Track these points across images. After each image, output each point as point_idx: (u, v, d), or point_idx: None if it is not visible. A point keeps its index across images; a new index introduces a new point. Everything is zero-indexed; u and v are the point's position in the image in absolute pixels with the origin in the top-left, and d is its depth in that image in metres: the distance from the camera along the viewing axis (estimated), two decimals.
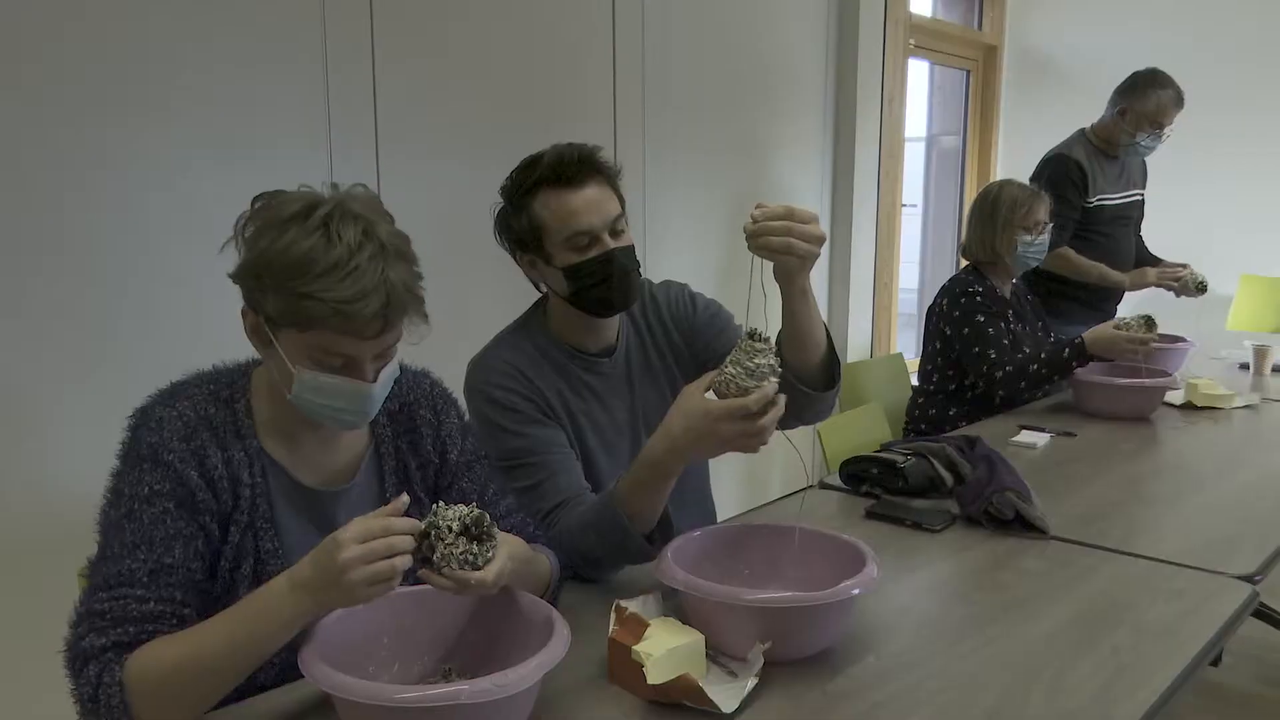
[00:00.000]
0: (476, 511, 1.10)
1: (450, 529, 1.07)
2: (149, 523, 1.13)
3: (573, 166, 1.54)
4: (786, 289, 1.45)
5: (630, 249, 1.60)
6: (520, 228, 1.58)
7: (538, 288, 1.68)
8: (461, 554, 1.08)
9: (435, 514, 1.09)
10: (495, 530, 1.11)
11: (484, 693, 0.98)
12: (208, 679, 1.06)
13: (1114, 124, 3.35)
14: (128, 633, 1.08)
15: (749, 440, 1.28)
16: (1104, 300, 3.49)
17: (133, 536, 1.12)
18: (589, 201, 1.55)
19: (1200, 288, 3.27)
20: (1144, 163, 3.54)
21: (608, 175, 1.59)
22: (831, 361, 1.54)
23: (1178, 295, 3.33)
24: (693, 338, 1.77)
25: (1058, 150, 3.39)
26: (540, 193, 1.55)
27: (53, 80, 1.93)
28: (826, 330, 1.54)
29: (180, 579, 1.13)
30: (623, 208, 1.60)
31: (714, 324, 1.78)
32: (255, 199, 1.20)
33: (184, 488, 1.15)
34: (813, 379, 1.53)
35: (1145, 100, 3.27)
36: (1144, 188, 3.55)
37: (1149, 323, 2.66)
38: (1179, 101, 3.29)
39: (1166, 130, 3.32)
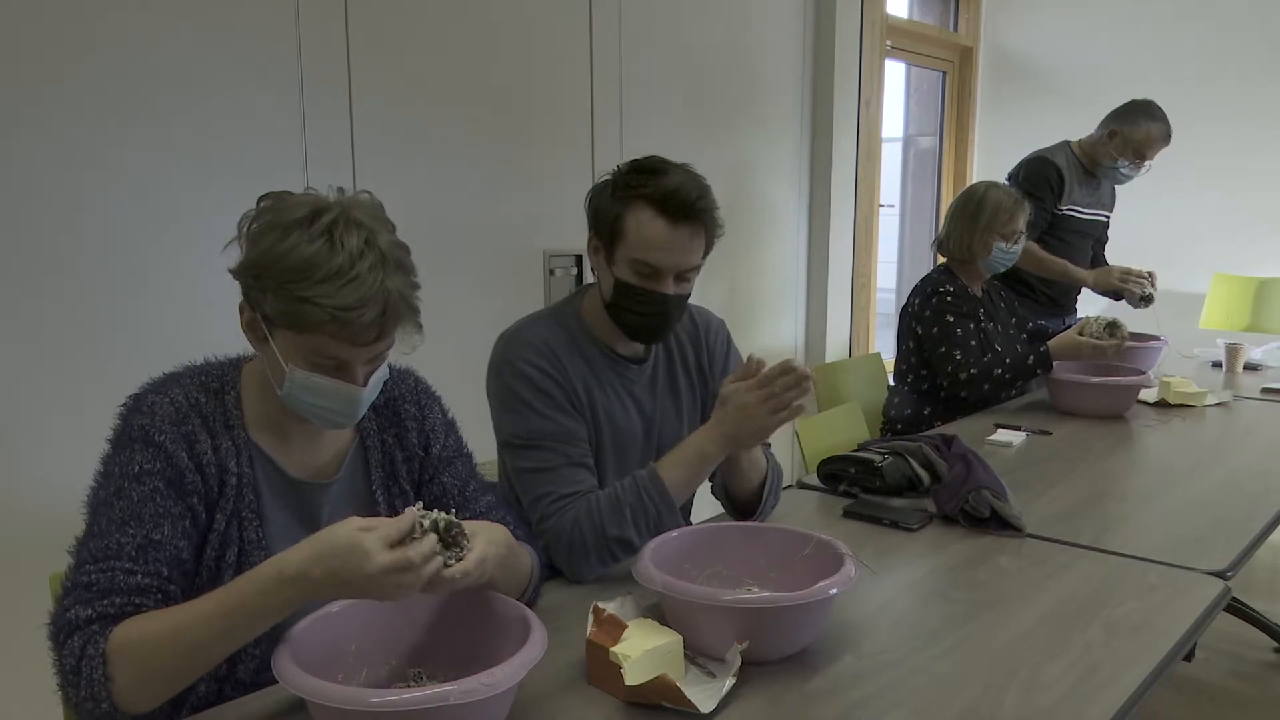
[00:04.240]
0: (449, 518, 1.10)
1: (421, 525, 1.07)
2: (138, 500, 1.13)
3: (684, 208, 1.52)
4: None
5: (684, 299, 1.61)
6: (606, 215, 1.58)
7: (592, 271, 1.67)
8: None
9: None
10: (466, 540, 1.11)
11: (471, 692, 0.97)
12: (190, 655, 1.05)
13: (1101, 144, 3.38)
14: (114, 604, 1.07)
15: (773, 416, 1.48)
16: (1058, 307, 3.52)
17: (121, 513, 1.12)
18: (677, 243, 1.54)
19: (1145, 300, 3.30)
20: (1114, 189, 3.58)
21: (708, 228, 1.57)
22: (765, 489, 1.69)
23: (1134, 306, 3.35)
24: (711, 377, 1.79)
25: (1040, 153, 3.43)
26: (640, 205, 1.54)
27: (31, 88, 1.90)
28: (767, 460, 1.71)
29: (167, 556, 1.13)
30: (703, 260, 1.61)
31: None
32: (261, 198, 1.20)
33: (173, 468, 1.16)
34: (748, 503, 1.70)
35: (1136, 128, 3.29)
36: (1111, 211, 3.59)
37: (1111, 327, 2.69)
38: (1166, 138, 3.33)
39: (1148, 163, 3.36)
